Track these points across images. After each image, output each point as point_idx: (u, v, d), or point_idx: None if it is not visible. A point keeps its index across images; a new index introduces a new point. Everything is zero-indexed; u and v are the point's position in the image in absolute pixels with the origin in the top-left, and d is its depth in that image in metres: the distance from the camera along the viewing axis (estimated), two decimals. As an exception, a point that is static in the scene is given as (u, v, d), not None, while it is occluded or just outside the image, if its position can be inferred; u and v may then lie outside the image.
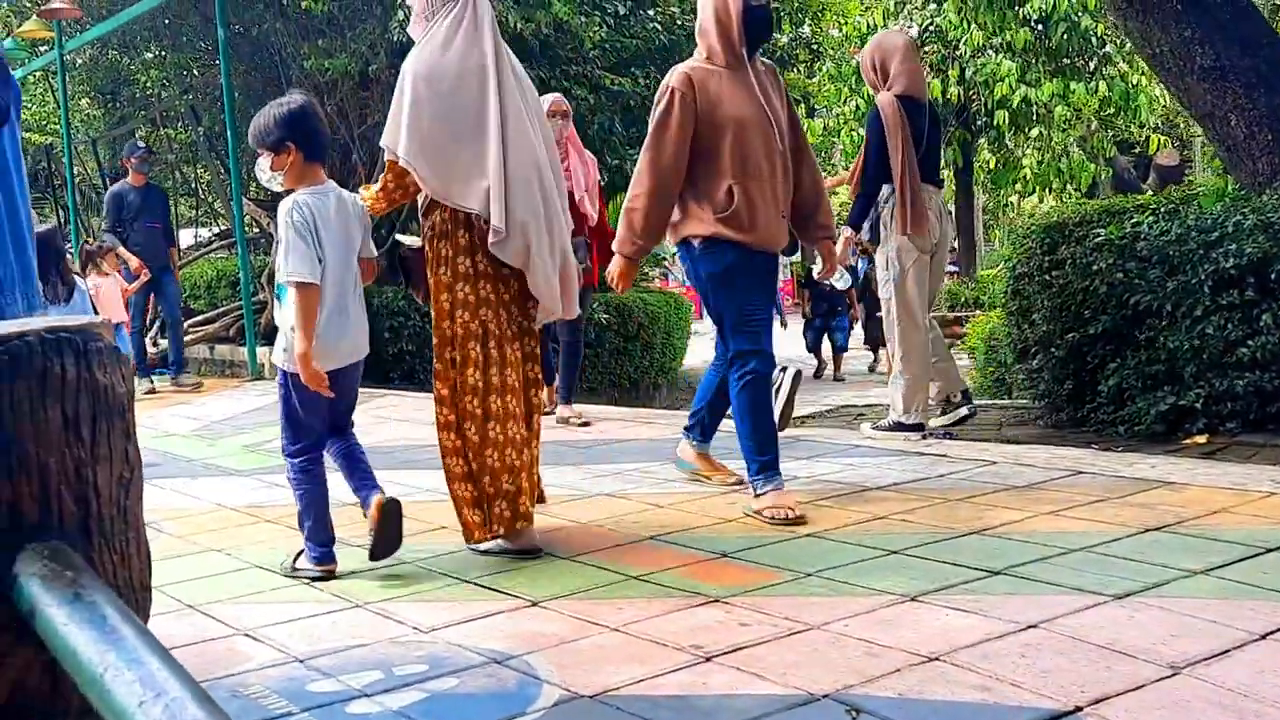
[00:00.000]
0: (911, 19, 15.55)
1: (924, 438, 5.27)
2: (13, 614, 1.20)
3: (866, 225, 5.43)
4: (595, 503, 4.21)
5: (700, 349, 14.29)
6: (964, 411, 5.59)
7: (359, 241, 3.48)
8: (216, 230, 16.02)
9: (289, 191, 3.43)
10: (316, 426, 3.51)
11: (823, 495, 4.13)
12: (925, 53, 15.65)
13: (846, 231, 5.32)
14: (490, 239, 3.47)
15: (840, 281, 5.57)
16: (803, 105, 18.20)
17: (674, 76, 4.01)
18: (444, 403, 3.63)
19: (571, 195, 5.92)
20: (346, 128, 11.66)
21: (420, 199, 3.61)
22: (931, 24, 15.32)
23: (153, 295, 9.98)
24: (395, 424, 6.69)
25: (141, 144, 9.86)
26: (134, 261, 9.14)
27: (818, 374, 14.17)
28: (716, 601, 2.97)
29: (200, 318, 11.98)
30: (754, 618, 2.82)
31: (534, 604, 3.05)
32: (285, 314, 3.42)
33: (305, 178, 3.41)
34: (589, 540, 3.67)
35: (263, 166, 3.49)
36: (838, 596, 2.98)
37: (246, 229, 10.77)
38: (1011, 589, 2.99)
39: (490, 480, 3.56)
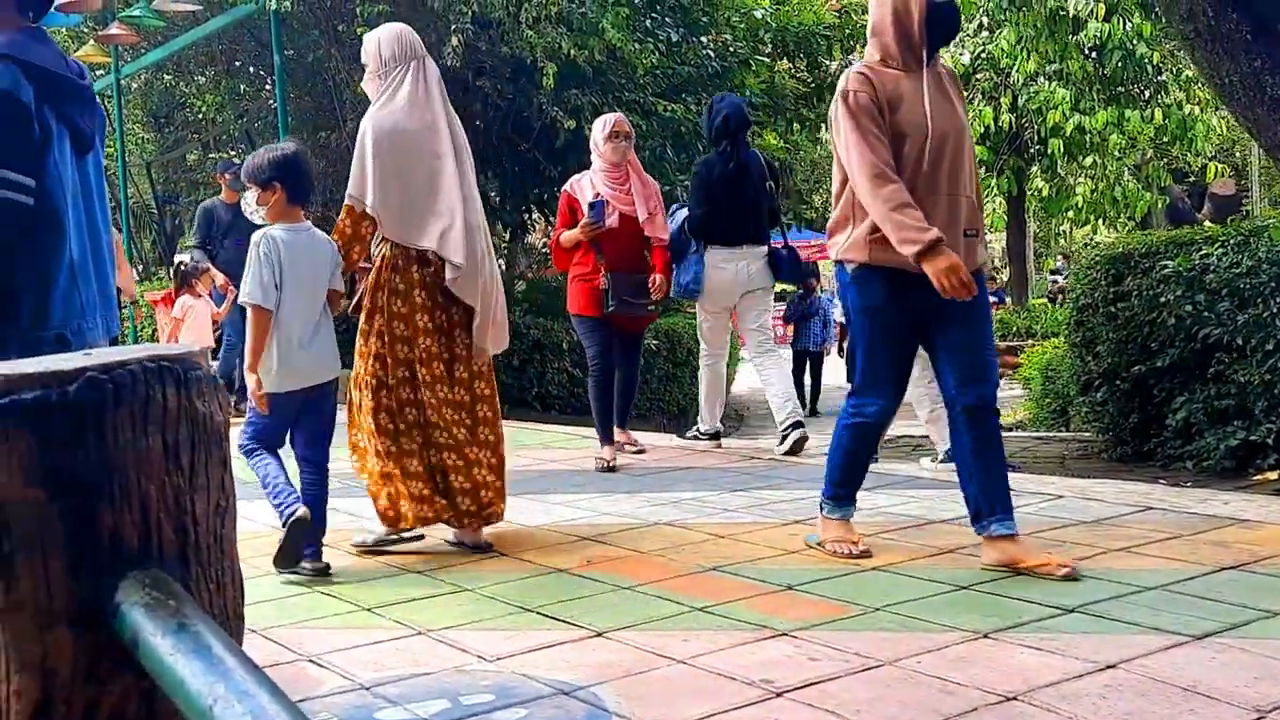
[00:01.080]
0: (963, 46, 15.49)
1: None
2: (115, 642, 1.19)
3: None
4: (655, 532, 4.18)
5: (746, 377, 14.21)
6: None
7: (328, 275, 3.86)
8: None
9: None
10: (275, 442, 3.91)
11: (886, 528, 4.07)
12: (977, 80, 15.60)
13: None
14: (449, 275, 3.91)
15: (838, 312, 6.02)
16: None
17: (849, 78, 3.61)
18: (382, 413, 3.98)
19: (633, 219, 5.88)
20: (400, 153, 11.78)
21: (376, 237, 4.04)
22: (983, 51, 15.25)
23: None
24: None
25: (235, 160, 9.55)
26: (220, 278, 8.91)
27: (814, 410, 13.50)
28: (785, 635, 2.92)
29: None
30: (824, 653, 2.78)
31: (599, 634, 3.02)
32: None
33: (285, 216, 3.82)
34: (650, 570, 3.64)
35: (249, 200, 3.93)
36: (908, 632, 2.93)
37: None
38: (1087, 627, 2.92)
39: (421, 479, 3.97)
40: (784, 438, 5.93)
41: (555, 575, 3.65)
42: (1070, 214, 15.50)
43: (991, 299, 12.71)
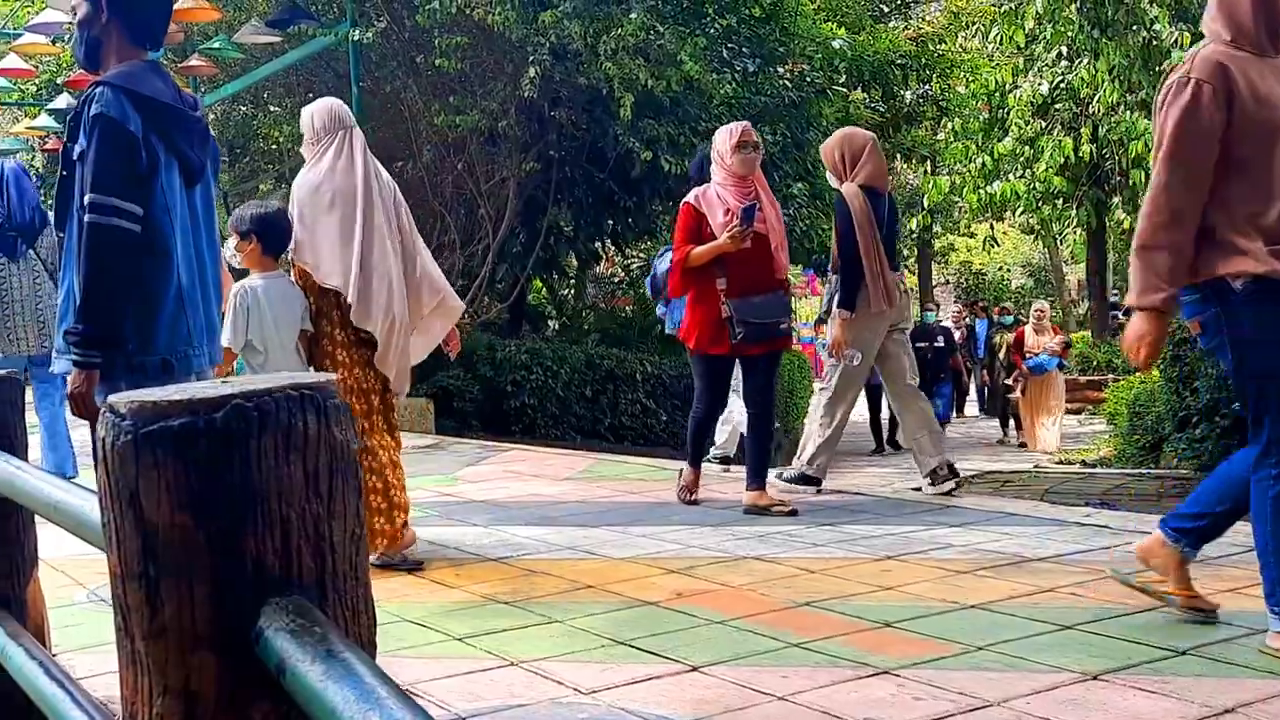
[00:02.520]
0: (1041, 76, 15.30)
1: (818, 493, 5.73)
2: (257, 667, 1.19)
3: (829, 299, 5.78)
4: (743, 566, 4.14)
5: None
6: (950, 485, 5.62)
7: (299, 318, 4.34)
8: None
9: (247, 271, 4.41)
10: None
11: (982, 565, 3.98)
12: (1056, 110, 15.39)
13: (842, 314, 5.61)
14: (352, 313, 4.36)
15: (853, 361, 5.84)
16: (928, 162, 18.03)
17: (1197, 64, 2.98)
18: None
19: (766, 241, 5.26)
20: (474, 183, 11.89)
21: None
22: (1063, 81, 15.06)
23: None
24: (528, 480, 6.70)
25: None
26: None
27: (895, 446, 13.07)
28: (886, 673, 2.86)
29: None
30: (928, 691, 2.71)
31: (694, 669, 2.98)
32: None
33: (260, 265, 4.36)
34: (742, 605, 3.59)
35: (230, 245, 4.37)
36: (1014, 672, 2.85)
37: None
38: (1201, 670, 2.83)
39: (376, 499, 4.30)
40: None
41: (645, 608, 3.62)
42: (1153, 246, 15.17)
43: (1057, 344, 12.31)
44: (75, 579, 4.33)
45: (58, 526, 1.97)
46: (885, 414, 13.26)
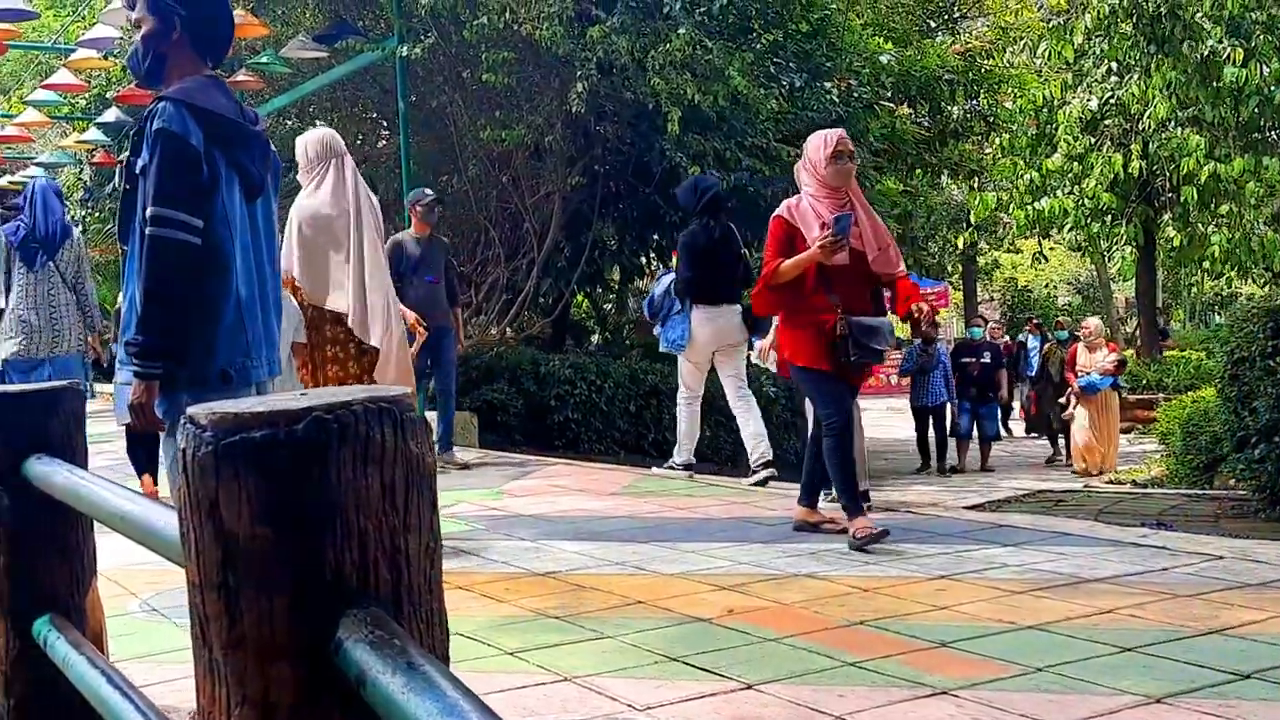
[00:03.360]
0: (1090, 91, 15.17)
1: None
2: (335, 678, 1.19)
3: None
4: (796, 583, 4.10)
5: (869, 428, 13.97)
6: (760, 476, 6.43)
7: (292, 331, 4.53)
8: None
9: None
10: None
11: (1038, 586, 3.93)
12: (1105, 126, 15.25)
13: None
14: (356, 330, 4.72)
15: (773, 365, 6.23)
16: (975, 178, 17.91)
17: None
18: None
19: (862, 257, 4.95)
20: (519, 197, 11.95)
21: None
22: (1113, 97, 14.92)
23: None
24: (574, 494, 6.70)
25: (429, 191, 8.60)
26: (410, 316, 7.78)
27: (942, 468, 13.02)
28: (944, 694, 2.83)
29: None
30: (987, 713, 2.68)
31: (749, 687, 2.96)
32: None
33: None
34: (795, 623, 3.56)
35: None
36: (1075, 694, 2.81)
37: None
38: (1268, 695, 2.77)
39: None
40: (755, 473, 6.70)
41: (697, 625, 3.60)
42: (1205, 265, 14.98)
43: (1110, 361, 12.07)
44: (127, 588, 4.38)
45: (124, 536, 1.99)
46: (932, 433, 13.13)
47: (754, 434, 6.83)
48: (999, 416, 14.05)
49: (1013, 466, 13.57)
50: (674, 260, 7.96)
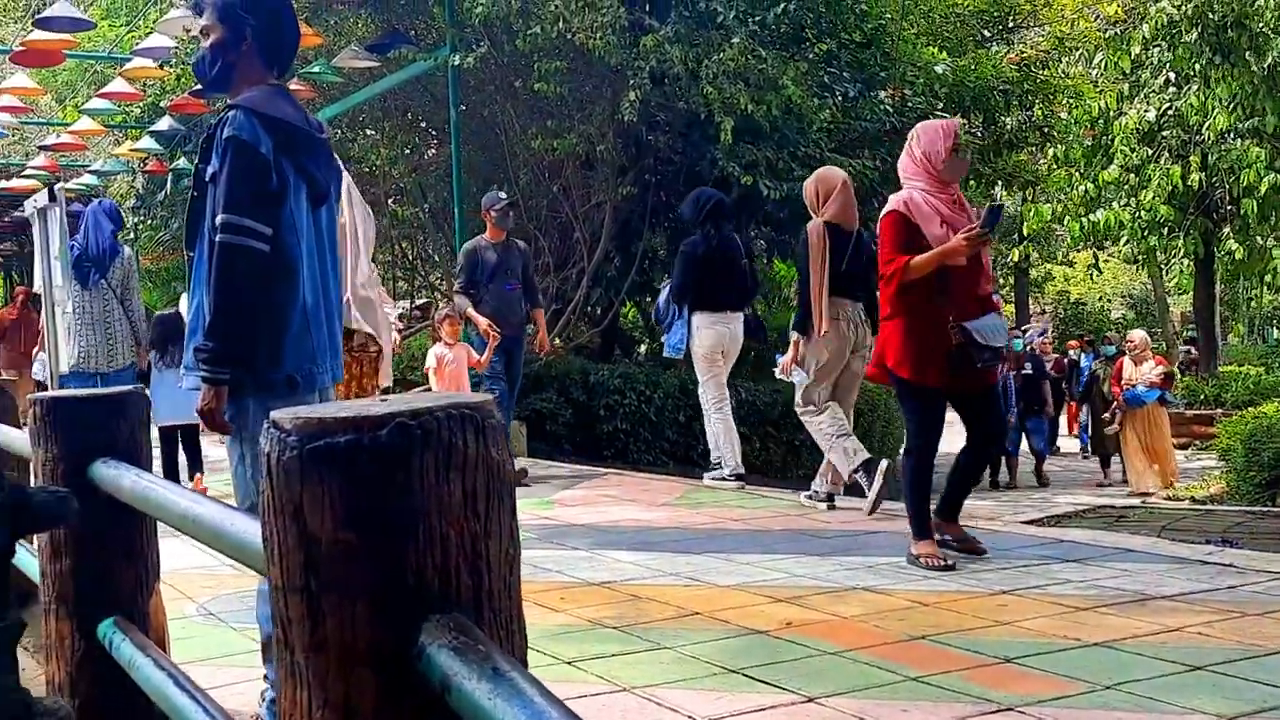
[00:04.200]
0: (1148, 102, 14.96)
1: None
2: (416, 683, 1.18)
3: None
4: (853, 596, 4.06)
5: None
6: (821, 506, 6.24)
7: None
8: (417, 304, 16.47)
9: None
10: None
11: (1102, 602, 3.86)
12: (1163, 137, 15.03)
13: (794, 336, 6.19)
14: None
15: (797, 379, 6.34)
16: (1030, 189, 17.71)
17: None
18: None
19: (980, 256, 4.69)
20: (570, 206, 11.97)
21: None
22: (1170, 108, 14.70)
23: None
24: (625, 505, 6.69)
25: (503, 194, 8.36)
26: (482, 322, 7.57)
27: (995, 483, 12.78)
28: (1010, 710, 2.78)
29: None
30: (1056, 732, 2.63)
31: (810, 700, 2.93)
32: None
33: None
34: (855, 636, 3.52)
35: None
36: (1145, 713, 2.75)
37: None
38: (1345, 719, 2.70)
39: None
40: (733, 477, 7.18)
41: (755, 636, 3.57)
42: (1267, 278, 14.69)
43: (1153, 377, 11.76)
44: (184, 593, 4.42)
45: (192, 539, 2.00)
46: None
47: (719, 439, 7.39)
48: (1046, 431, 13.82)
49: (1067, 483, 13.38)
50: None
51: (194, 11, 3.19)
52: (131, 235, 16.34)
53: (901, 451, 4.99)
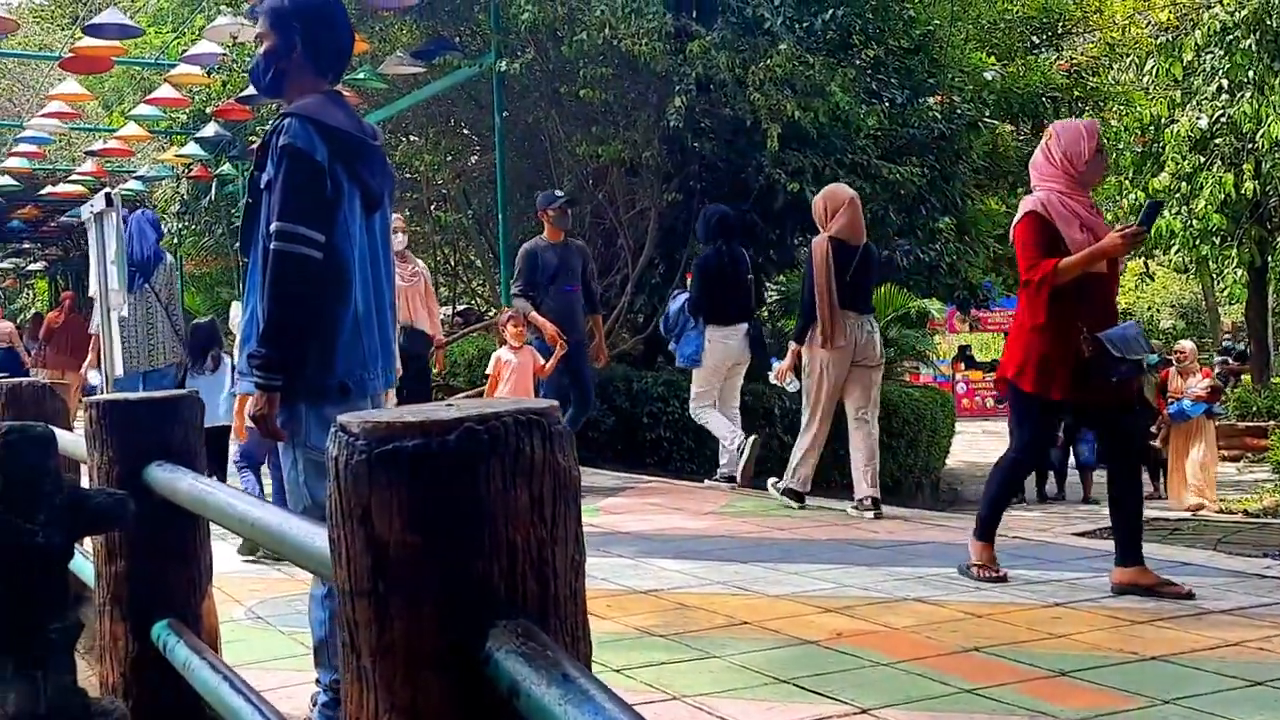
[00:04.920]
0: (1200, 109, 14.77)
1: (801, 506, 6.56)
2: (483, 687, 1.18)
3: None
4: (904, 607, 4.02)
5: (959, 448, 13.70)
6: (869, 515, 6.24)
7: None
8: (458, 309, 16.54)
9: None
10: (259, 459, 5.70)
11: (1159, 616, 3.80)
12: (1215, 145, 14.83)
13: (793, 345, 6.59)
14: None
15: (790, 386, 6.84)
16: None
17: None
18: None
19: (1114, 263, 4.49)
20: (614, 213, 11.97)
21: None
22: (1223, 115, 14.51)
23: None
24: (670, 513, 6.67)
25: (559, 192, 8.13)
26: (549, 329, 7.31)
27: (1043, 496, 12.47)
28: (1067, 725, 2.74)
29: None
30: (1115, 748, 2.58)
31: (863, 711, 2.90)
32: None
33: None
34: (907, 647, 3.49)
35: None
36: (1206, 731, 2.70)
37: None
38: None
39: None
40: (740, 454, 7.52)
41: (805, 646, 3.55)
42: (1322, 287, 14.48)
43: (1199, 389, 11.41)
44: (232, 596, 4.44)
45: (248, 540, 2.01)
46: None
47: (725, 431, 7.73)
48: (1093, 441, 13.53)
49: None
50: (689, 281, 8.44)
51: (250, 18, 3.23)
52: (175, 240, 16.55)
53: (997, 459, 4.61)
